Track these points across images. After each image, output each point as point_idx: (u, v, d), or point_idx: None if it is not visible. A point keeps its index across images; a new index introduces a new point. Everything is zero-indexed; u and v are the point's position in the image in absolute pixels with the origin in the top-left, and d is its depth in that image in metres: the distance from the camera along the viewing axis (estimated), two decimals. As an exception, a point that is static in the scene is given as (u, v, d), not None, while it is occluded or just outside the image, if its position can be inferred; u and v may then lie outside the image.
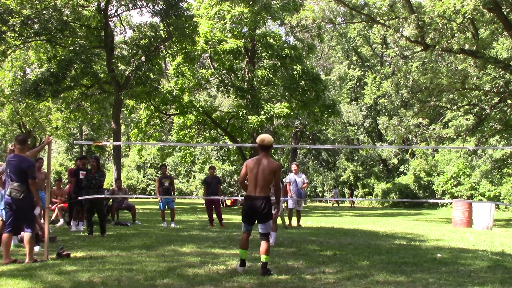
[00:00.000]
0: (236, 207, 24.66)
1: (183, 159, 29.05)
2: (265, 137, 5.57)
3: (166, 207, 11.85)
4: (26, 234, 6.00)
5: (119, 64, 19.70)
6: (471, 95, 18.11)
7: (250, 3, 22.42)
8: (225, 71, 25.17)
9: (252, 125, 22.40)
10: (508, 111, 17.84)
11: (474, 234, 10.63)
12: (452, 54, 17.27)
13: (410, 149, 31.34)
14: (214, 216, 11.82)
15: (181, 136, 25.59)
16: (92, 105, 23.34)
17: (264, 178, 5.41)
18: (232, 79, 25.81)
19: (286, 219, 12.00)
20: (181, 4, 19.42)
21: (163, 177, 11.76)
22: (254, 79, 24.13)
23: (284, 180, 12.52)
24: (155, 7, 19.47)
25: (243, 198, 5.94)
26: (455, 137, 19.11)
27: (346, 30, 40.89)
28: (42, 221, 7.85)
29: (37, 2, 17.55)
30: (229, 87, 25.18)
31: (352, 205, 32.44)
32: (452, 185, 29.96)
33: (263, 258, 5.30)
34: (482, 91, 17.54)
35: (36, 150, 7.15)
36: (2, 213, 7.45)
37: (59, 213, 11.61)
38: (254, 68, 24.61)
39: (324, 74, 39.70)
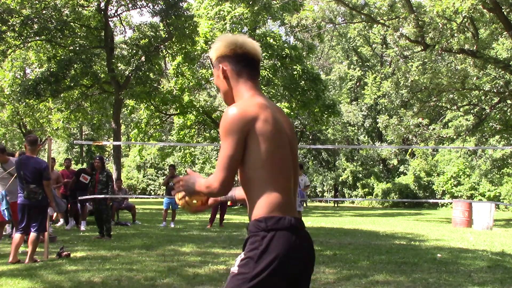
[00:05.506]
0: (236, 207, 24.61)
1: (183, 159, 29.03)
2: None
3: (170, 207, 11.91)
4: (32, 235, 5.97)
5: (119, 64, 19.69)
6: (471, 95, 18.10)
7: (250, 3, 22.42)
8: (225, 71, 25.15)
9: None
10: (508, 111, 17.82)
11: (474, 234, 10.63)
12: (452, 54, 17.26)
13: (410, 149, 31.31)
14: (217, 216, 11.81)
15: (181, 136, 25.59)
16: (92, 105, 23.33)
17: None
18: (232, 79, 25.79)
19: None
20: (181, 4, 19.43)
21: (171, 176, 11.85)
22: (254, 79, 24.11)
23: None
24: (155, 7, 19.48)
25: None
26: (455, 137, 19.09)
27: (346, 30, 40.84)
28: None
29: (37, 2, 17.54)
30: (229, 87, 25.17)
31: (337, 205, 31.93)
32: (452, 185, 29.94)
33: None
34: (482, 91, 17.53)
35: None
36: (5, 213, 7.46)
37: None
38: (254, 68, 24.59)
39: (324, 74, 39.68)
